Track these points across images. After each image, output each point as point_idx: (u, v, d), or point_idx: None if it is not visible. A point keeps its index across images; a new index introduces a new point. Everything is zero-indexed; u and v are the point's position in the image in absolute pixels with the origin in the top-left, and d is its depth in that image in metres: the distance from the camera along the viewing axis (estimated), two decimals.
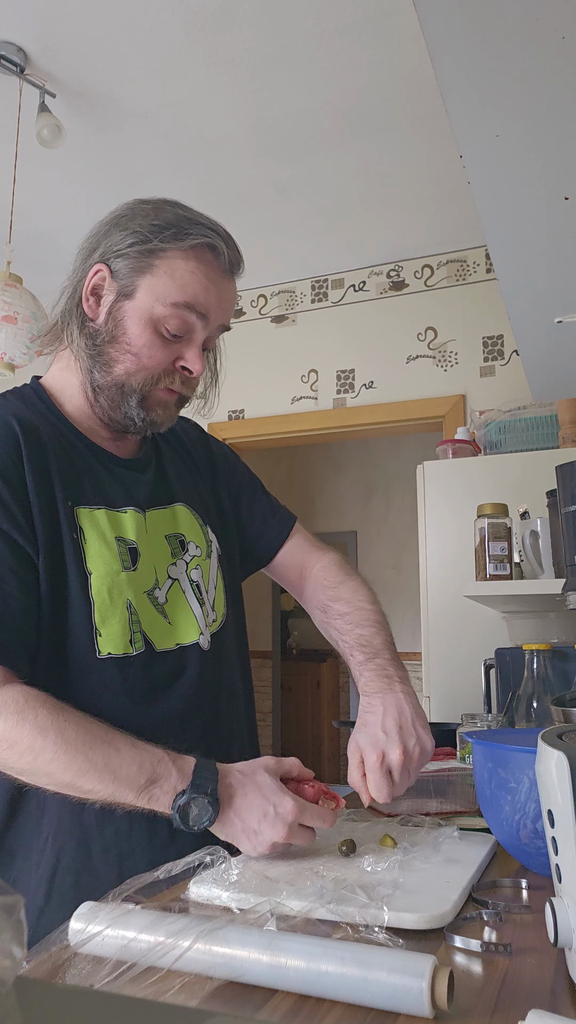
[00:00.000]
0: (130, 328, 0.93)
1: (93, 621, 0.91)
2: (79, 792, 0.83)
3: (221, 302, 0.97)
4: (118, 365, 0.95)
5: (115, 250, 0.94)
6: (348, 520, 5.70)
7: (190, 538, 1.05)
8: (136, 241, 0.93)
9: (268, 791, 0.83)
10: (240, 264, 0.99)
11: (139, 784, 0.82)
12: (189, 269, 0.93)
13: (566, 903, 0.56)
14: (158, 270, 0.93)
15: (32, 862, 0.90)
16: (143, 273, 0.93)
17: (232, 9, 2.09)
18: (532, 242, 1.06)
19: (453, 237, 3.27)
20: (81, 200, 2.99)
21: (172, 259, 0.93)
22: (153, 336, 0.93)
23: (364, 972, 0.53)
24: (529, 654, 1.42)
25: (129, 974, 0.55)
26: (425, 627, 2.35)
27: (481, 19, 0.70)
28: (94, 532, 0.94)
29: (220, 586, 1.09)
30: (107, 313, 0.95)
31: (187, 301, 0.93)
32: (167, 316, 0.93)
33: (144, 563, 0.98)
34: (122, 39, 2.20)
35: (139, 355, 0.94)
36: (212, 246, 0.95)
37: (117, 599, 0.93)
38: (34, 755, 0.81)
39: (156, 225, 0.94)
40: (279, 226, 3.18)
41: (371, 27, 2.14)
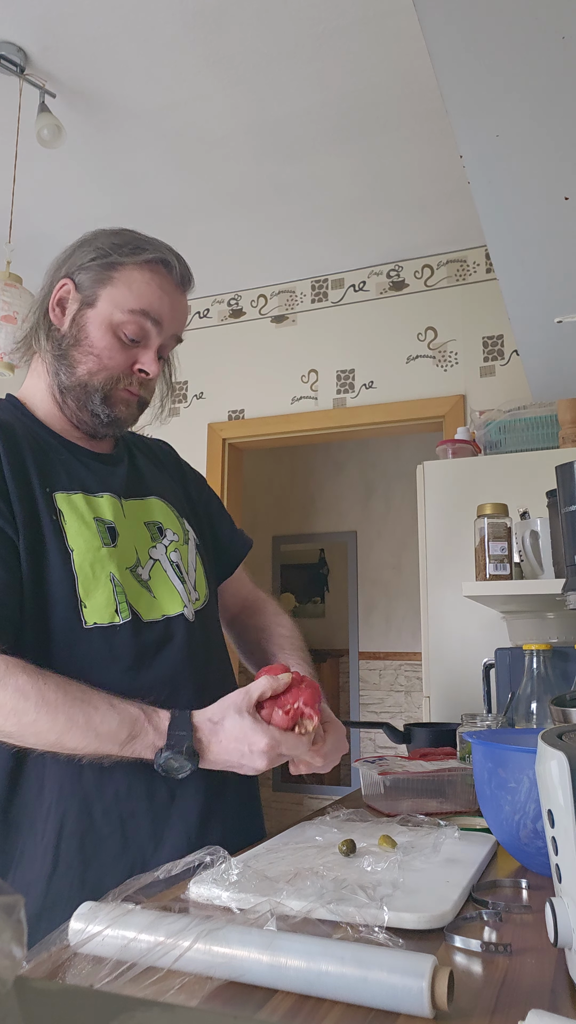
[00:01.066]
0: (92, 332, 1.03)
1: (78, 594, 0.96)
2: (67, 750, 0.88)
3: (174, 311, 1.07)
4: (81, 366, 1.04)
5: (79, 264, 1.05)
6: (348, 520, 5.70)
7: (167, 525, 1.13)
8: (97, 256, 1.04)
9: (239, 732, 0.88)
10: (190, 280, 1.09)
11: (120, 739, 0.87)
12: (144, 280, 1.04)
13: (566, 903, 0.56)
14: (117, 281, 1.03)
15: (37, 831, 0.92)
16: (104, 284, 1.03)
17: (232, 9, 2.09)
18: (532, 242, 1.06)
19: (453, 237, 3.27)
20: (81, 200, 2.99)
21: (130, 271, 1.03)
22: (113, 340, 1.03)
23: (364, 972, 0.53)
24: (529, 654, 1.42)
25: (129, 974, 0.55)
26: (425, 627, 2.35)
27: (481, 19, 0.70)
28: (73, 514, 1.00)
29: (200, 570, 1.15)
30: (71, 320, 1.04)
31: (143, 308, 1.03)
32: (125, 322, 1.03)
33: (124, 542, 1.04)
34: (122, 39, 2.20)
35: (100, 356, 1.03)
36: (165, 261, 1.05)
37: (100, 572, 0.98)
38: (18, 717, 0.86)
39: (115, 243, 1.05)
40: (279, 226, 3.18)
41: (371, 27, 2.14)
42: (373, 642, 5.45)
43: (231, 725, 0.88)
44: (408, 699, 5.31)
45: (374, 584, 5.53)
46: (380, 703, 5.36)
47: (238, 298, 3.76)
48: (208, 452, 3.70)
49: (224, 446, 3.70)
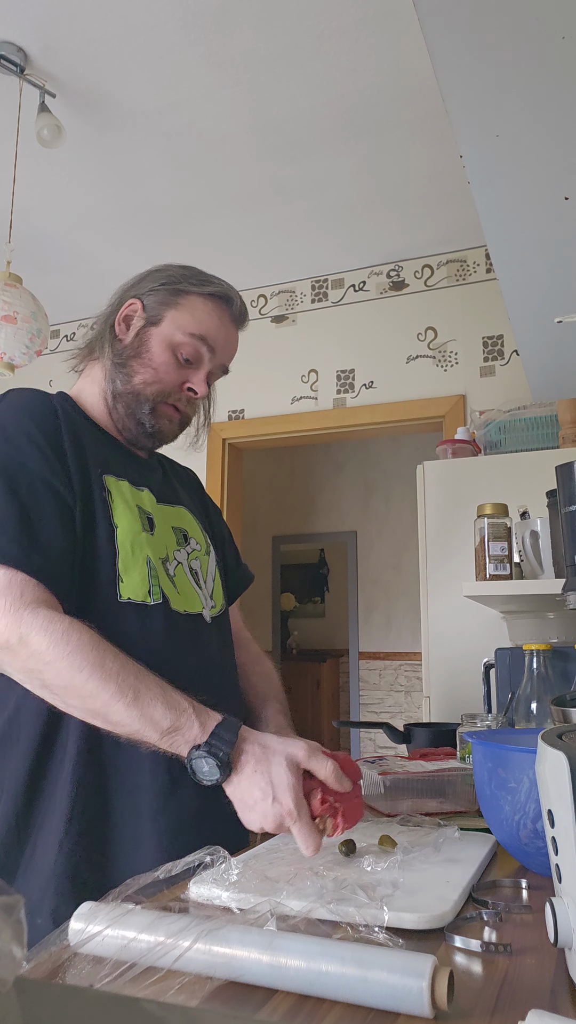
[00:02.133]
0: (153, 347, 1.12)
1: (117, 568, 1.01)
2: (106, 723, 0.89)
3: (227, 343, 1.16)
4: (138, 375, 1.12)
5: (149, 287, 1.15)
6: (348, 520, 5.70)
7: (192, 535, 1.19)
8: (168, 282, 1.14)
9: (278, 779, 0.85)
10: (246, 319, 1.20)
11: (163, 728, 0.87)
12: (207, 310, 1.13)
13: (566, 903, 0.56)
14: (182, 307, 1.13)
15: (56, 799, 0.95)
16: (169, 307, 1.13)
17: (232, 9, 2.09)
18: (532, 242, 1.06)
19: (453, 237, 3.27)
20: (81, 200, 2.99)
21: (194, 299, 1.13)
22: (171, 357, 1.12)
23: (364, 972, 0.53)
24: (529, 654, 1.42)
25: (129, 974, 0.55)
26: (425, 627, 2.35)
27: (481, 19, 0.70)
28: (119, 497, 1.07)
29: (218, 582, 1.21)
30: (135, 335, 1.14)
31: (202, 333, 1.12)
32: (184, 343, 1.12)
33: (159, 532, 1.11)
34: (122, 39, 2.20)
35: (157, 369, 1.12)
36: (227, 297, 1.16)
37: (138, 553, 1.04)
38: (71, 675, 0.87)
39: (184, 274, 1.15)
40: (279, 226, 3.19)
41: (371, 27, 2.14)
42: (373, 642, 5.45)
43: (277, 766, 0.86)
44: (408, 699, 5.31)
45: (374, 584, 5.53)
46: (380, 703, 5.36)
47: None
48: (208, 452, 3.70)
49: (224, 446, 3.70)
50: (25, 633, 0.88)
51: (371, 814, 1.07)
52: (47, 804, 0.95)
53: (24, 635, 0.88)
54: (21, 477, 0.97)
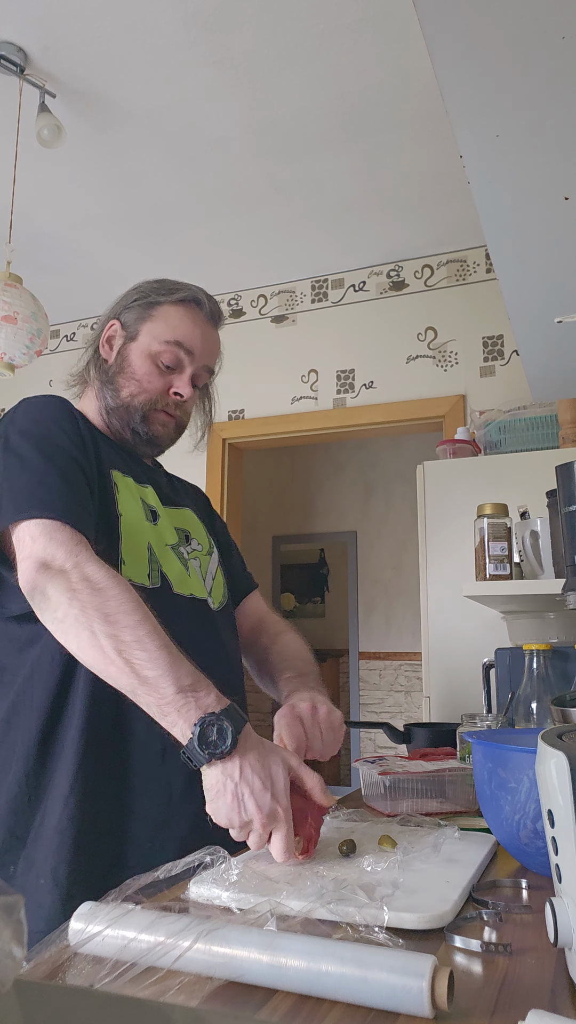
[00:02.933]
0: (134, 361, 1.19)
1: (120, 553, 1.06)
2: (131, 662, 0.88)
3: (205, 342, 1.21)
4: (124, 389, 1.19)
5: (124, 306, 1.22)
6: (348, 520, 5.70)
7: (195, 535, 1.23)
8: (139, 297, 1.21)
9: (276, 776, 0.85)
10: (221, 316, 1.25)
11: (183, 684, 0.87)
12: (179, 316, 1.19)
13: (566, 903, 0.56)
14: (156, 318, 1.19)
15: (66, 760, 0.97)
16: (144, 320, 1.19)
17: (232, 9, 2.09)
18: (532, 242, 1.06)
19: (453, 237, 3.27)
20: (81, 200, 2.99)
21: (167, 308, 1.20)
22: (151, 366, 1.18)
23: (364, 972, 0.53)
24: (529, 654, 1.42)
25: (129, 974, 0.55)
26: (425, 627, 2.35)
27: (481, 19, 0.70)
28: (125, 489, 1.13)
29: (220, 579, 1.24)
30: (117, 353, 1.21)
31: (177, 339, 1.18)
32: (162, 351, 1.18)
33: (163, 524, 1.16)
34: (122, 39, 2.20)
35: (140, 380, 1.18)
36: (197, 299, 1.21)
37: (139, 540, 1.09)
38: (118, 604, 0.90)
39: (154, 287, 1.22)
40: (279, 226, 3.18)
41: (371, 27, 2.14)
42: (373, 642, 5.45)
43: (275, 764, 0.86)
44: (408, 699, 5.31)
45: (374, 584, 5.53)
46: (380, 703, 5.36)
47: (238, 298, 3.76)
48: (208, 452, 3.69)
49: (224, 446, 3.70)
50: (83, 561, 0.93)
51: (371, 814, 1.07)
52: (58, 763, 0.98)
53: (82, 562, 0.93)
54: (54, 450, 1.04)
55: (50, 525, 0.96)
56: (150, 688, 0.87)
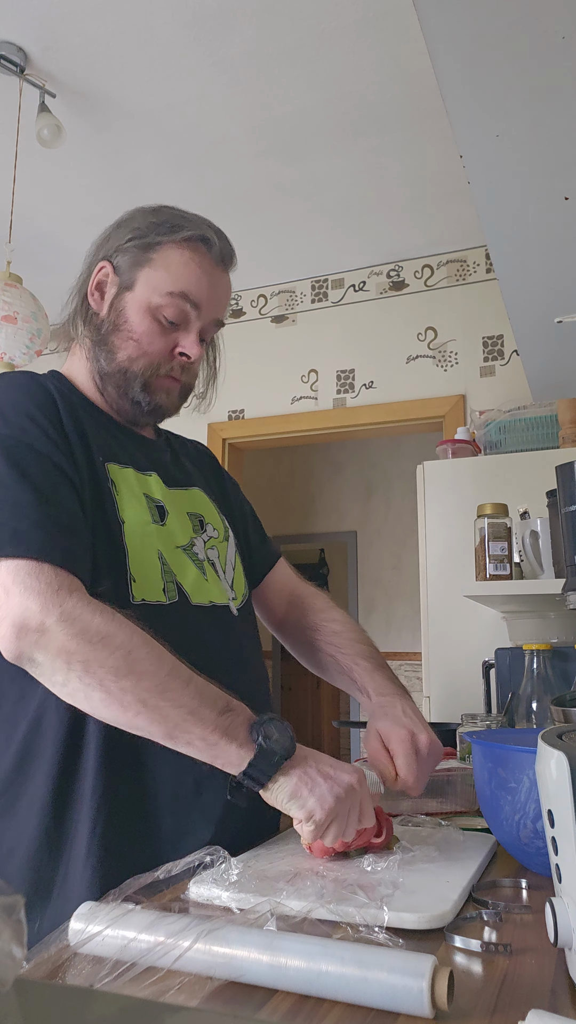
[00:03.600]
0: (131, 317, 1.00)
1: (128, 568, 0.92)
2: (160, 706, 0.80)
3: (214, 292, 1.03)
4: (120, 351, 1.00)
5: (116, 246, 1.02)
6: (348, 520, 5.70)
7: (208, 520, 1.09)
8: (135, 236, 1.01)
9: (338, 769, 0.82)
10: (232, 256, 1.05)
11: (219, 706, 0.81)
12: (183, 260, 1.00)
13: (566, 903, 0.56)
14: (155, 263, 1.00)
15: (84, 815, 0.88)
16: (142, 266, 1.00)
17: (232, 9, 2.09)
18: (532, 242, 1.06)
19: (453, 237, 3.27)
20: (81, 200, 2.99)
21: (167, 251, 1.00)
22: (152, 323, 1.00)
23: (364, 972, 0.53)
24: (529, 654, 1.42)
25: (129, 974, 0.55)
26: (425, 627, 2.35)
27: (481, 19, 0.70)
28: (125, 486, 0.97)
29: (239, 569, 1.11)
30: (110, 305, 1.01)
31: (181, 290, 0.99)
32: (164, 305, 0.99)
33: (173, 521, 1.01)
34: (122, 39, 2.20)
35: (140, 341, 1.00)
36: (204, 238, 1.02)
37: (149, 548, 0.95)
38: (126, 652, 0.80)
39: (153, 222, 1.02)
40: (279, 226, 3.18)
41: (371, 27, 2.14)
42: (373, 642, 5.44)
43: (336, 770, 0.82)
44: None
45: (374, 584, 5.53)
46: None
47: (238, 298, 3.75)
48: None
49: (224, 446, 3.70)
50: (70, 611, 0.80)
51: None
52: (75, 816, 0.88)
53: (68, 613, 0.80)
54: (29, 458, 0.87)
55: (23, 570, 0.81)
56: (189, 725, 0.80)
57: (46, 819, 0.88)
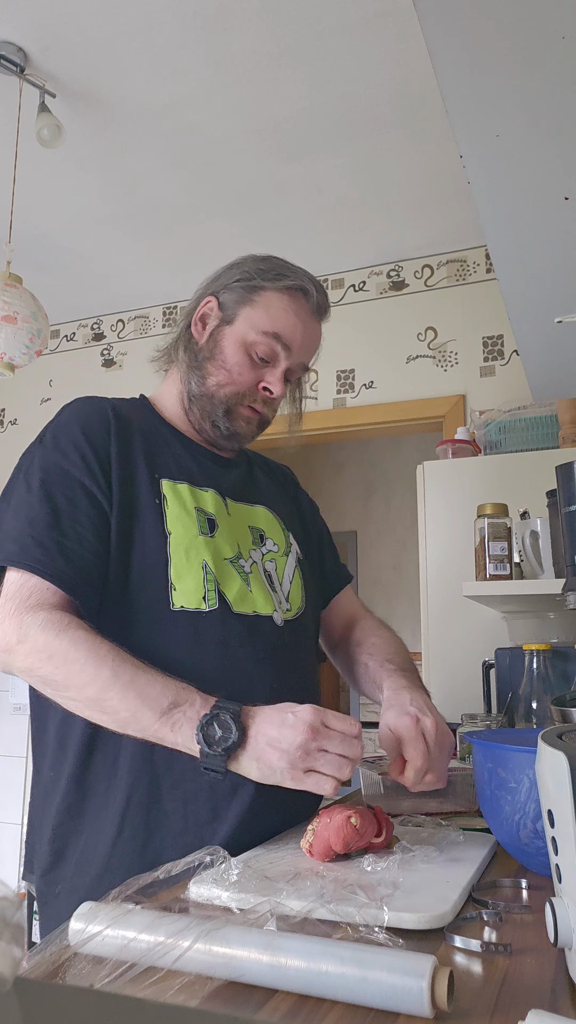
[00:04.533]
0: (226, 348, 1.10)
1: (169, 576, 0.99)
2: (104, 712, 0.88)
3: (305, 338, 1.12)
4: (211, 378, 1.11)
5: (225, 284, 1.13)
6: (348, 520, 5.70)
7: (269, 535, 1.16)
8: (243, 278, 1.12)
9: (285, 707, 0.84)
10: (327, 309, 1.16)
11: (162, 707, 0.85)
12: (282, 306, 1.10)
13: (566, 903, 0.56)
14: (257, 304, 1.10)
15: (109, 797, 0.95)
16: (244, 304, 1.11)
17: (232, 9, 2.09)
18: (532, 242, 1.06)
19: (453, 237, 3.27)
20: (81, 200, 2.99)
21: (270, 295, 1.10)
22: (244, 357, 1.10)
23: (364, 972, 0.53)
24: (529, 654, 1.42)
25: (129, 974, 0.55)
26: (425, 627, 2.35)
27: (481, 19, 0.70)
28: (176, 500, 1.05)
29: (298, 583, 1.17)
30: (209, 335, 1.12)
31: (276, 331, 1.09)
32: (258, 342, 1.09)
33: (223, 535, 1.07)
34: (122, 39, 2.20)
35: (231, 371, 1.10)
36: (304, 289, 1.12)
37: (194, 558, 1.01)
38: (67, 666, 0.87)
39: (261, 268, 1.12)
40: (279, 226, 3.18)
41: (371, 27, 2.14)
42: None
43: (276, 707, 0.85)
44: None
45: (374, 584, 5.53)
46: None
47: None
48: None
49: None
50: (24, 633, 0.89)
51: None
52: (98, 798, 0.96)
53: (23, 635, 0.89)
54: (61, 482, 0.98)
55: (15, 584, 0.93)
56: (138, 727, 0.86)
57: (70, 795, 0.97)
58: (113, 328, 3.96)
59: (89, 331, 4.01)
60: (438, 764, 0.93)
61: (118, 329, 3.94)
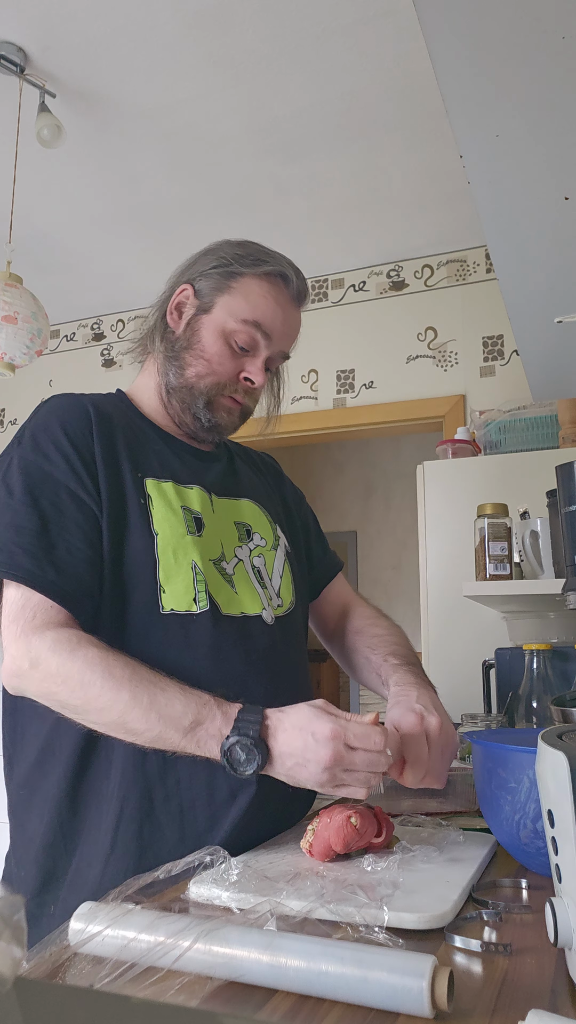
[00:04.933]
0: (205, 337, 1.06)
1: (158, 579, 0.97)
2: (129, 733, 0.86)
3: (285, 326, 1.09)
4: (190, 368, 1.07)
5: (201, 271, 1.08)
6: (348, 520, 5.70)
7: (256, 529, 1.13)
8: (219, 264, 1.07)
9: (304, 720, 0.82)
10: (307, 295, 1.12)
11: (184, 726, 0.84)
12: (261, 292, 1.06)
13: (566, 903, 0.56)
14: (235, 291, 1.06)
15: (102, 812, 0.93)
16: (222, 292, 1.06)
17: (232, 9, 2.09)
18: (532, 242, 1.06)
19: (453, 237, 3.27)
20: (81, 200, 2.99)
21: (248, 282, 1.06)
22: (224, 347, 1.06)
23: (364, 972, 0.53)
24: (529, 654, 1.42)
25: (129, 974, 0.55)
26: (425, 627, 2.35)
27: (481, 19, 0.70)
28: (161, 500, 1.01)
29: (287, 577, 1.14)
30: (186, 324, 1.08)
31: (256, 320, 1.06)
32: (237, 331, 1.06)
33: (210, 534, 1.05)
34: (122, 39, 2.20)
35: (210, 361, 1.06)
36: (284, 275, 1.08)
37: (182, 559, 0.99)
38: (84, 690, 0.85)
39: (238, 254, 1.08)
40: (279, 226, 3.18)
41: (371, 27, 2.14)
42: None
43: (297, 713, 0.84)
44: None
45: (374, 584, 5.53)
46: (380, 703, 5.36)
47: None
48: None
49: None
50: (35, 657, 0.87)
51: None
52: (90, 813, 0.93)
53: (35, 659, 0.87)
54: (45, 486, 0.94)
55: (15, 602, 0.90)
56: (164, 744, 0.85)
57: (61, 812, 0.94)
58: (113, 328, 3.96)
59: (89, 331, 4.01)
60: (438, 765, 0.92)
61: (118, 329, 3.94)
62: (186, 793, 0.93)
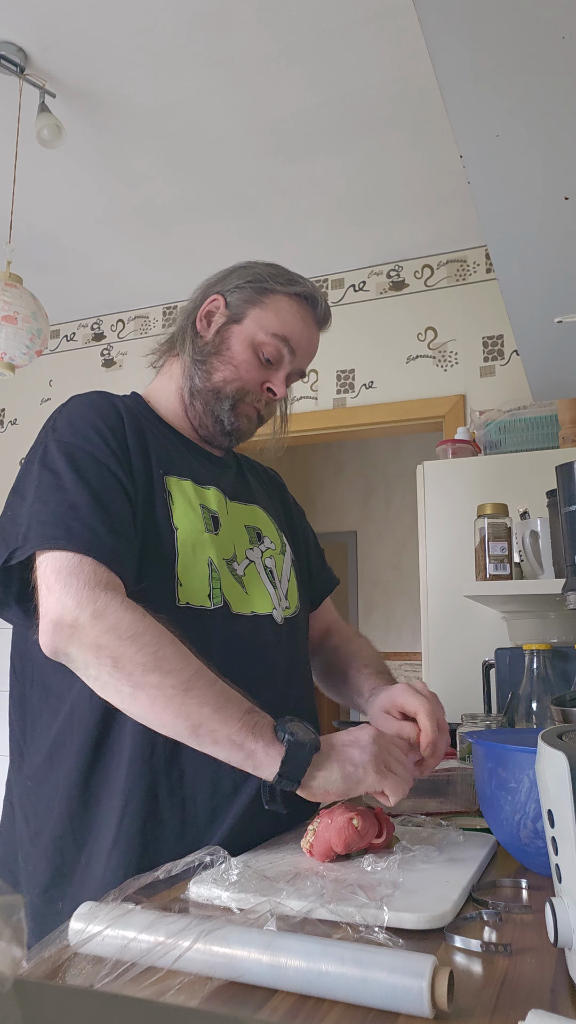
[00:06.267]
0: (234, 345, 1.11)
1: (176, 571, 0.99)
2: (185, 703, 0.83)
3: (309, 345, 1.15)
4: (218, 373, 1.11)
5: (233, 285, 1.14)
6: (348, 520, 5.70)
7: (266, 533, 1.17)
8: (253, 280, 1.13)
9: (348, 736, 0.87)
10: (329, 320, 1.18)
11: (244, 707, 0.85)
12: (291, 310, 1.12)
13: (566, 903, 0.56)
14: (267, 305, 1.12)
15: (112, 806, 0.93)
16: (253, 305, 1.12)
17: (232, 9, 2.09)
18: (532, 242, 1.06)
19: (453, 237, 3.27)
20: (81, 200, 2.99)
21: (280, 299, 1.12)
22: (252, 356, 1.11)
23: (364, 972, 0.53)
24: (529, 654, 1.42)
25: (129, 974, 0.55)
26: (425, 627, 2.35)
27: (481, 19, 0.70)
28: (181, 496, 1.04)
29: (293, 582, 1.18)
30: (215, 332, 1.12)
31: (285, 335, 1.11)
32: (266, 343, 1.11)
33: (225, 533, 1.08)
34: (122, 39, 2.20)
35: (238, 367, 1.11)
36: (313, 298, 1.14)
37: (200, 555, 1.01)
38: (154, 650, 0.84)
39: (271, 272, 1.14)
40: (279, 226, 3.18)
41: (371, 27, 2.14)
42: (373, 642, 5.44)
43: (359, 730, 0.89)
44: None
45: (374, 584, 5.53)
46: None
47: None
48: None
49: None
50: (101, 609, 0.85)
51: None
52: (101, 808, 0.94)
53: (100, 610, 0.85)
54: (90, 464, 0.96)
55: (68, 564, 0.87)
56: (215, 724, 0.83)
57: (72, 806, 0.94)
58: (113, 328, 3.96)
59: (89, 331, 4.01)
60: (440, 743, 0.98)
61: (118, 329, 3.94)
62: (188, 788, 0.94)
